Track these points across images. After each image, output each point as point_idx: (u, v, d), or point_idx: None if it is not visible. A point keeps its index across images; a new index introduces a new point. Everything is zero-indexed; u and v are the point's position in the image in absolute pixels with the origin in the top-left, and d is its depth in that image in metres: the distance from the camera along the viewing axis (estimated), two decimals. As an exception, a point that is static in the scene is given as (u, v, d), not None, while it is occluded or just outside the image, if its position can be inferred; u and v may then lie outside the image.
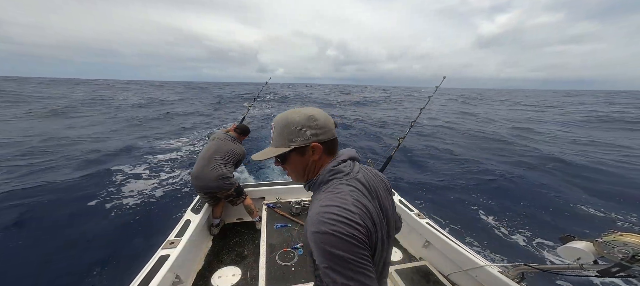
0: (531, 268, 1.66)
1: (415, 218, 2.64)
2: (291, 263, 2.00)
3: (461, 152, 8.92)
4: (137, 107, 19.76)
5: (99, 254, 3.39)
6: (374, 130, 12.56)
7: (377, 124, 14.48)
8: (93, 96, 28.16)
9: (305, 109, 0.77)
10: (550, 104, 33.22)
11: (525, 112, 22.91)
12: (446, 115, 19.02)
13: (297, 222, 2.58)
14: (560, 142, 10.67)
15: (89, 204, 4.52)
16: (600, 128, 14.74)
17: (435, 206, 5.12)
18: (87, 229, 3.89)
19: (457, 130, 12.97)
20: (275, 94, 35.63)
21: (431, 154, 8.66)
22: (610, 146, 9.75)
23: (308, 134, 0.73)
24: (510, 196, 5.59)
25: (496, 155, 8.62)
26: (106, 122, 13.25)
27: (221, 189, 2.56)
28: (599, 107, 26.92)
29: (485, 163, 7.60)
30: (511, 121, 17.09)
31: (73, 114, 15.39)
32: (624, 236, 1.19)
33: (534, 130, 13.13)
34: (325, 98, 33.09)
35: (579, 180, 6.34)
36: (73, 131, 10.66)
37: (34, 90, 33.59)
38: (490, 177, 6.53)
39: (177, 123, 13.55)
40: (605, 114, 19.69)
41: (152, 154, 7.61)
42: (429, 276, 2.19)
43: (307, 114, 0.75)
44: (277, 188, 3.13)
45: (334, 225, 0.61)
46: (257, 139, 9.90)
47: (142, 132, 11.02)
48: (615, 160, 7.84)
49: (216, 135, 2.77)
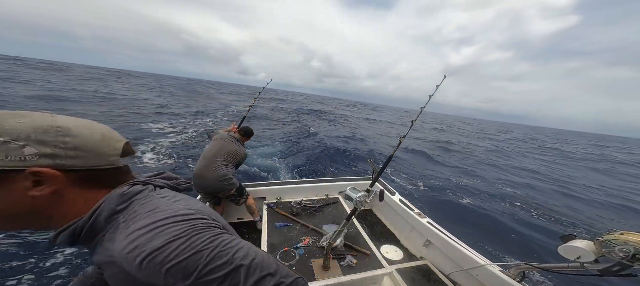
0: (532, 267, 1.66)
1: (416, 217, 2.64)
2: (292, 262, 2.01)
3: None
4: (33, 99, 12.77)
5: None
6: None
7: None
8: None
9: (45, 115, 0.49)
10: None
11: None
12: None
13: (297, 222, 2.58)
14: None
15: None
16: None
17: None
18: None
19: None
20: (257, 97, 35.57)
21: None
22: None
23: (29, 152, 0.44)
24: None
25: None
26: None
27: (222, 190, 2.55)
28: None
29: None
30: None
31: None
32: (625, 235, 1.19)
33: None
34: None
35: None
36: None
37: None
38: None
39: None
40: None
41: (151, 153, 7.61)
42: (430, 275, 2.19)
43: (46, 123, 0.47)
44: (278, 187, 3.13)
45: (172, 227, 0.48)
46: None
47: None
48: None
49: (220, 135, 2.76)
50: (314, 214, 2.79)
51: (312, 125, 15.70)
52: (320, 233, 2.40)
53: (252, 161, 7.50)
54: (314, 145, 10.18)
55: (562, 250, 1.41)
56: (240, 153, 2.73)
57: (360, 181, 3.44)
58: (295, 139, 11.13)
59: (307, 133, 12.46)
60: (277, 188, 3.13)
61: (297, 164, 7.86)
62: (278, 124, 15.78)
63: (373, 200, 2.03)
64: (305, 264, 2.00)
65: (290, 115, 20.75)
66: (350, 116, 27.19)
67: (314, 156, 8.72)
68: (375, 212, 3.41)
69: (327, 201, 3.07)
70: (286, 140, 10.84)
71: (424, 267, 2.29)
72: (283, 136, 11.82)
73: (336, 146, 9.98)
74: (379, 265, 2.05)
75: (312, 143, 10.62)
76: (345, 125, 18.96)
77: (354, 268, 1.99)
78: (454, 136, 24.54)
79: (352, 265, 2.01)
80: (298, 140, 10.94)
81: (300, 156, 8.70)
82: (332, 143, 10.48)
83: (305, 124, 15.99)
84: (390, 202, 3.06)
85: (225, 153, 2.59)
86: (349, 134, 14.17)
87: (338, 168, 8.10)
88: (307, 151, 9.33)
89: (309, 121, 17.90)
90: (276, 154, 8.87)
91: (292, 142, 10.55)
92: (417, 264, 2.32)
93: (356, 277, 1.89)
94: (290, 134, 12.14)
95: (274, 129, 13.48)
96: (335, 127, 16.89)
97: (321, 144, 10.15)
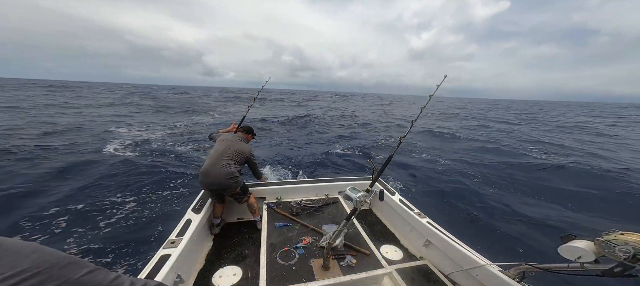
0: (532, 268, 1.66)
1: (416, 217, 2.64)
2: (292, 262, 2.01)
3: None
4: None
5: (101, 254, 3.40)
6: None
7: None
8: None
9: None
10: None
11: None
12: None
13: (297, 222, 2.58)
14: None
15: (90, 206, 4.54)
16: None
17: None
18: (89, 230, 3.91)
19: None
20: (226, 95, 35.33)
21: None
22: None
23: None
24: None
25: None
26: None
27: (229, 188, 2.59)
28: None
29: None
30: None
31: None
32: (625, 235, 1.19)
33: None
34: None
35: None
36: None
37: None
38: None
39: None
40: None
41: (150, 153, 7.63)
42: (430, 275, 2.19)
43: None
44: (278, 187, 3.13)
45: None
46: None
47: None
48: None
49: (223, 137, 2.81)
50: (314, 214, 2.79)
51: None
52: (320, 233, 2.40)
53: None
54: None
55: (563, 250, 1.40)
56: (246, 150, 2.76)
57: (360, 181, 3.44)
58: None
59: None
60: (277, 188, 3.12)
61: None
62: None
63: (373, 200, 2.04)
64: (305, 264, 2.00)
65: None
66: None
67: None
68: (375, 212, 3.40)
69: (327, 201, 3.07)
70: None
71: (423, 267, 2.29)
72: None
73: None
74: (378, 265, 2.05)
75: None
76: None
77: (354, 268, 1.99)
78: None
79: (352, 265, 2.01)
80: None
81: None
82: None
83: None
84: (390, 202, 3.06)
85: (232, 152, 2.63)
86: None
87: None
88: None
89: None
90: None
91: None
92: (417, 264, 2.32)
93: (356, 277, 1.89)
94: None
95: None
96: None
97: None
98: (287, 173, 7.03)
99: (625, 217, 5.02)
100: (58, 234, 3.75)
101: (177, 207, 4.65)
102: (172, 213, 4.41)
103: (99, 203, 4.61)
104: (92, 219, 4.15)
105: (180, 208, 4.58)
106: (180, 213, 2.47)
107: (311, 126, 15.23)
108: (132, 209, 4.50)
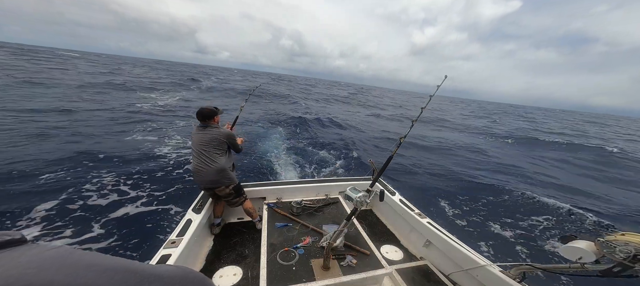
0: (532, 268, 1.66)
1: (416, 217, 2.64)
2: (292, 262, 2.01)
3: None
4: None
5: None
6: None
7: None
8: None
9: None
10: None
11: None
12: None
13: (297, 222, 2.58)
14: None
15: (91, 205, 4.54)
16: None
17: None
18: (87, 230, 3.91)
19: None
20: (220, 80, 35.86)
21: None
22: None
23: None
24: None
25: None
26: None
27: (220, 184, 2.54)
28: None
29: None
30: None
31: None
32: (626, 235, 1.19)
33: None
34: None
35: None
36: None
37: None
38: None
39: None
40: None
41: (149, 154, 7.63)
42: (430, 275, 2.19)
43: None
44: (278, 187, 3.13)
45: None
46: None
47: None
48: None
49: (193, 133, 2.61)
50: (314, 214, 2.79)
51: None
52: (321, 233, 2.40)
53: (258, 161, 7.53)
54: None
55: (563, 250, 1.40)
56: (219, 134, 2.54)
57: (361, 181, 3.44)
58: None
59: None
60: (277, 188, 3.12)
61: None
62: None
63: (373, 200, 2.03)
64: (305, 264, 2.00)
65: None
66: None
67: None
68: (375, 212, 3.40)
69: (327, 201, 3.07)
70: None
71: (424, 267, 2.29)
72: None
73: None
74: (379, 265, 2.05)
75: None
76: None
77: (354, 268, 1.98)
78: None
79: (352, 265, 2.01)
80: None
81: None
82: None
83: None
84: (391, 202, 3.06)
85: (205, 143, 2.49)
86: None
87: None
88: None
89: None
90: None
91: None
92: (417, 264, 2.32)
93: (356, 277, 1.89)
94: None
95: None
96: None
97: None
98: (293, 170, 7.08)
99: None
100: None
101: (178, 207, 4.65)
102: (173, 213, 4.42)
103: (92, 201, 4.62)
104: (95, 217, 4.16)
105: (180, 207, 4.59)
106: (181, 213, 2.46)
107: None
108: (133, 210, 4.51)
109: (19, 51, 53.31)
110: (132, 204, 4.68)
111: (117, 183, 5.45)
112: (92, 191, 5.00)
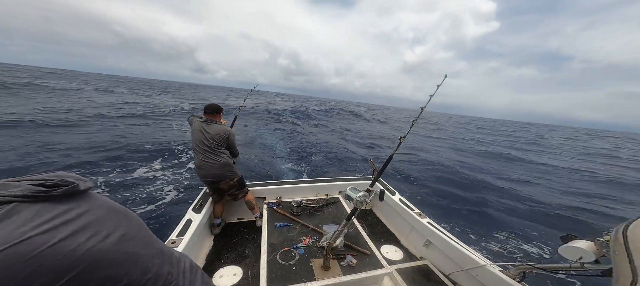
0: (532, 268, 1.66)
1: (416, 217, 2.64)
2: (292, 262, 2.01)
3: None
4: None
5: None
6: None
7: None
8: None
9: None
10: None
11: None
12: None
13: (297, 221, 2.58)
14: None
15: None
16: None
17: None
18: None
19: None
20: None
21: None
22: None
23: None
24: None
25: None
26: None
27: (224, 178, 2.60)
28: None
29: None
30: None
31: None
32: (626, 235, 1.19)
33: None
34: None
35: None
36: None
37: None
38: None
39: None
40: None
41: (149, 155, 7.63)
42: (430, 275, 2.19)
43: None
44: (278, 187, 3.13)
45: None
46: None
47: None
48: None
49: (195, 126, 2.62)
50: (314, 214, 2.79)
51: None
52: (321, 233, 2.40)
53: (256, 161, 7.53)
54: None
55: (563, 250, 1.40)
56: (221, 131, 2.59)
57: (361, 181, 3.44)
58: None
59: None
60: (277, 188, 3.13)
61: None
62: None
63: (373, 200, 2.03)
64: (305, 264, 2.00)
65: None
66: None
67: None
68: (375, 212, 3.40)
69: (327, 201, 3.07)
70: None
71: (424, 267, 2.29)
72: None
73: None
74: (379, 265, 2.05)
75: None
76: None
77: (354, 268, 1.99)
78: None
79: (352, 265, 2.01)
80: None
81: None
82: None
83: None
84: (391, 202, 3.06)
85: (209, 140, 2.51)
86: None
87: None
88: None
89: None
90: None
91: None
92: (417, 264, 2.33)
93: (356, 277, 1.89)
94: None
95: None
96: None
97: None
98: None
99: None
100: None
101: (178, 207, 4.65)
102: (173, 213, 4.42)
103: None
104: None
105: (180, 207, 4.59)
106: (181, 213, 2.47)
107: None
108: (133, 210, 4.50)
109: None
110: (132, 203, 4.68)
111: (117, 183, 5.46)
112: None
